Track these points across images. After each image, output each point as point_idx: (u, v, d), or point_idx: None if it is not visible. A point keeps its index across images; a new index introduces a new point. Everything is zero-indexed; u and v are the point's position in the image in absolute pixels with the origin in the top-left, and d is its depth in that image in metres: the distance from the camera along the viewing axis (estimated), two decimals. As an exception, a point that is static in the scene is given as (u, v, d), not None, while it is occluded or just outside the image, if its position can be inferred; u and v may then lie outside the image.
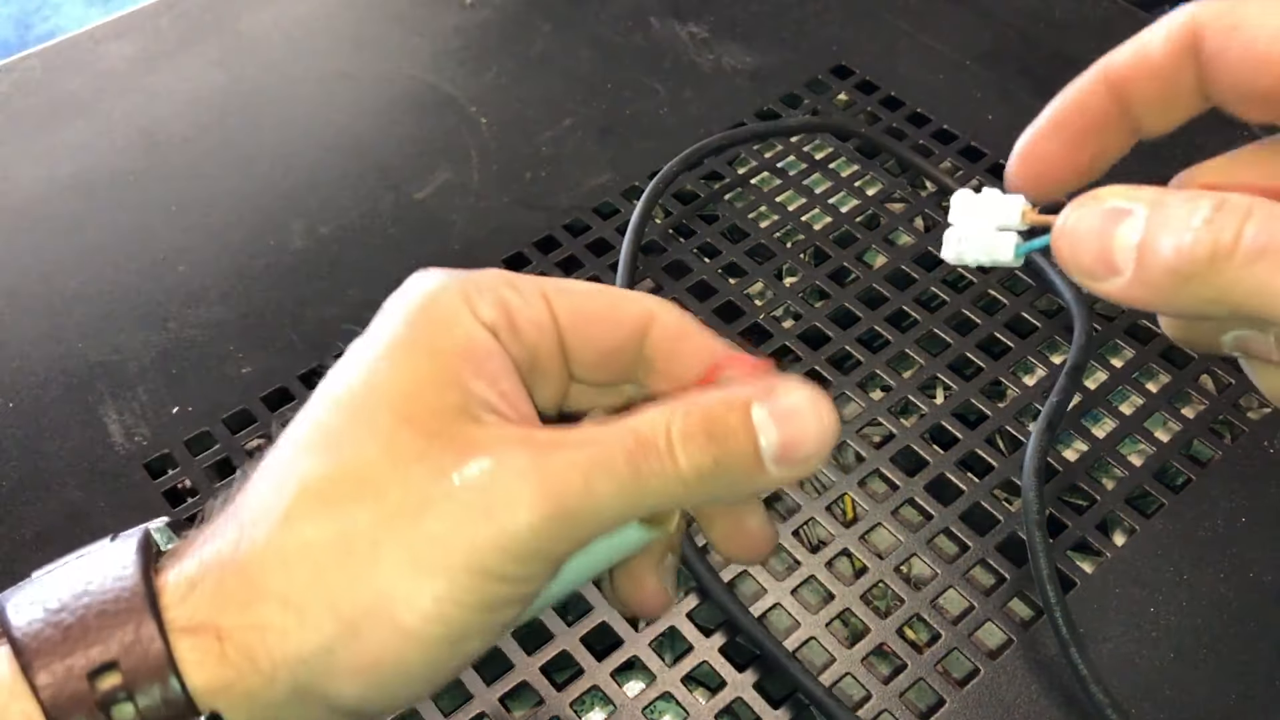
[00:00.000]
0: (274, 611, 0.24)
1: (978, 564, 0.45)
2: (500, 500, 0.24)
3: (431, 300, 0.27)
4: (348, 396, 0.26)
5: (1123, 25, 0.68)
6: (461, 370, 0.26)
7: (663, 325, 0.28)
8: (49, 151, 0.64)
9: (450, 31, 0.70)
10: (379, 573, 0.24)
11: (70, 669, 0.24)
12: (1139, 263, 0.23)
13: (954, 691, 0.42)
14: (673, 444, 0.25)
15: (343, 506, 0.25)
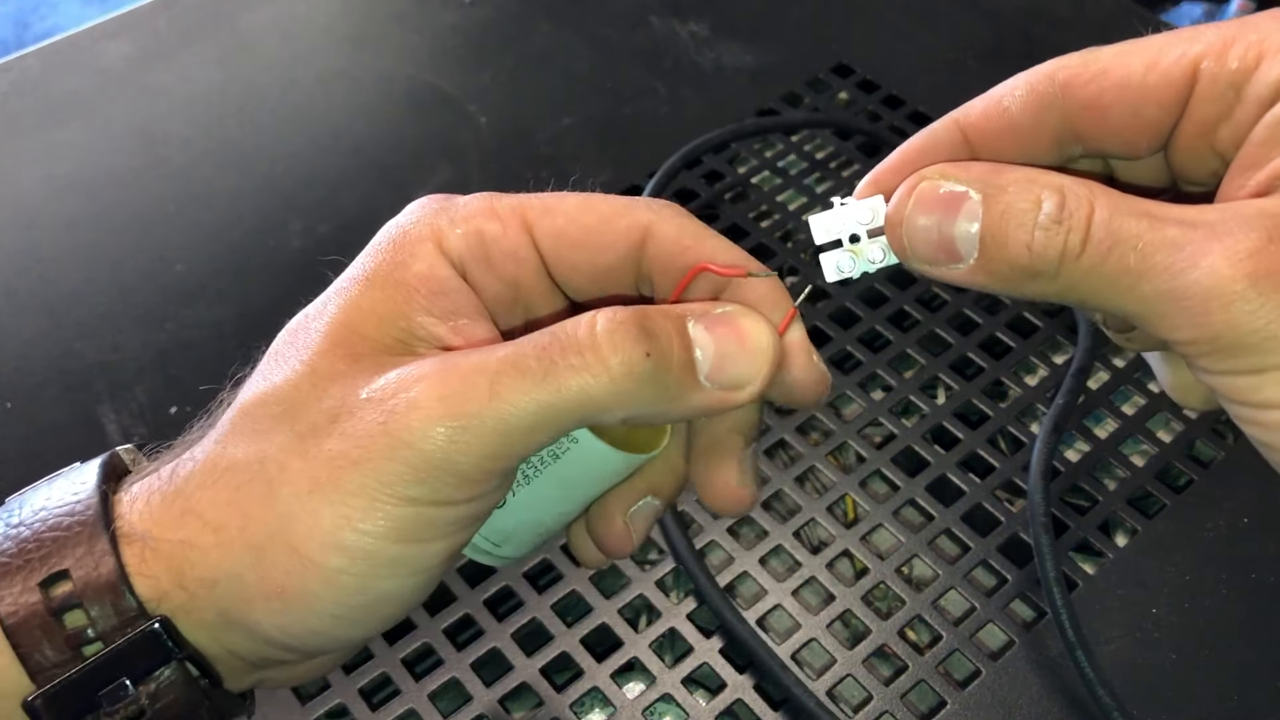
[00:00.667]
0: (196, 529, 0.24)
1: (979, 565, 0.45)
2: (399, 409, 0.23)
3: (402, 233, 0.27)
4: (299, 324, 0.27)
5: (1123, 23, 0.67)
6: (409, 303, 0.26)
7: (660, 238, 0.27)
8: (47, 151, 0.63)
9: (449, 31, 0.70)
10: (282, 496, 0.24)
11: (26, 579, 0.24)
12: (982, 252, 0.24)
13: (955, 693, 0.42)
14: (597, 338, 0.23)
15: (264, 427, 0.25)
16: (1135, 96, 0.25)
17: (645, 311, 0.24)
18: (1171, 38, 0.25)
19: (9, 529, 0.25)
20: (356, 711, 0.41)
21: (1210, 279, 0.22)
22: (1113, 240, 0.23)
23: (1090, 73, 0.26)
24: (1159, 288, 0.22)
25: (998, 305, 0.54)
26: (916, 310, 0.54)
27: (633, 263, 0.27)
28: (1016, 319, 0.53)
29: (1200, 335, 0.22)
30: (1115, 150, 0.27)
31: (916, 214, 0.24)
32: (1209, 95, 0.25)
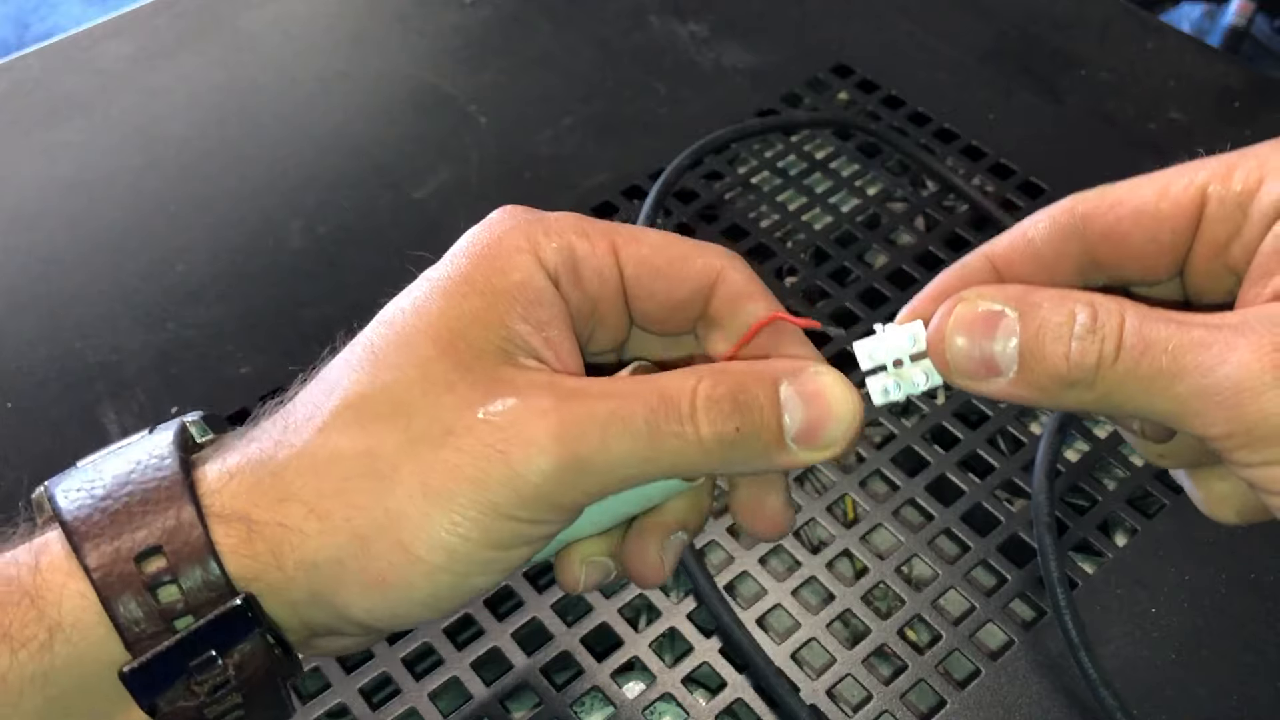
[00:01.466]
0: (299, 513, 0.26)
1: (979, 565, 0.45)
2: (517, 441, 0.25)
3: (497, 240, 0.28)
4: (399, 322, 0.27)
5: (1122, 23, 0.68)
6: (510, 312, 0.27)
7: (729, 284, 0.29)
8: (47, 151, 0.64)
9: (449, 31, 0.70)
10: (394, 493, 0.25)
11: (118, 552, 0.26)
12: (1022, 365, 0.25)
13: (955, 693, 0.42)
14: (696, 408, 0.26)
15: (374, 424, 0.26)
16: (1150, 223, 0.27)
17: (742, 383, 0.26)
18: (1178, 169, 0.28)
19: (96, 501, 0.26)
20: (357, 711, 0.41)
21: (1240, 372, 0.23)
22: (1145, 345, 0.24)
23: (1107, 203, 0.28)
24: (1191, 386, 0.24)
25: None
26: (916, 310, 0.54)
27: (701, 301, 0.29)
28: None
29: (1234, 428, 0.24)
30: (1135, 276, 0.28)
31: (956, 333, 0.26)
32: (1218, 215, 0.27)
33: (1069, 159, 0.61)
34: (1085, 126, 0.62)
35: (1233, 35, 1.36)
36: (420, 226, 0.59)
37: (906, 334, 0.27)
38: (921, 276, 0.55)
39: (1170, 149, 0.61)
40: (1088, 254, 0.28)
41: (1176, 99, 0.63)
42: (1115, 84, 0.64)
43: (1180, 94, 0.64)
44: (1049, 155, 0.61)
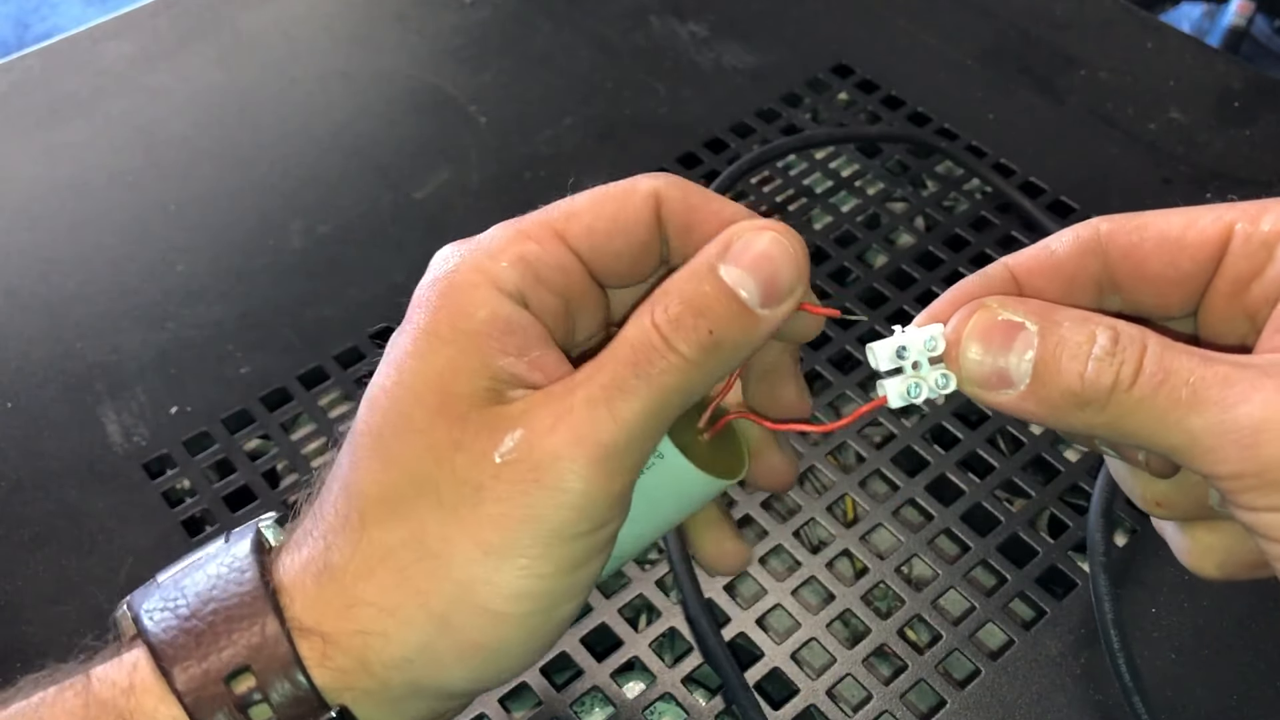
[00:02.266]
0: (372, 617, 0.26)
1: (979, 565, 0.45)
2: (543, 465, 0.25)
3: (450, 284, 0.27)
4: (385, 398, 0.27)
5: (1123, 25, 0.68)
6: (486, 351, 0.26)
7: (669, 201, 0.28)
8: (47, 151, 0.64)
9: (449, 31, 0.70)
10: (455, 565, 0.25)
11: (207, 674, 0.26)
12: (1035, 379, 0.25)
13: (955, 692, 0.42)
14: (666, 338, 0.26)
15: (406, 509, 0.26)
16: (1173, 249, 0.27)
17: (687, 290, 0.26)
18: (1209, 206, 0.27)
19: (182, 621, 0.27)
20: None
21: (1262, 411, 0.23)
22: (1165, 374, 0.24)
23: (1132, 225, 0.28)
24: (1208, 421, 0.23)
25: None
26: (916, 310, 0.54)
27: (656, 234, 0.28)
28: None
29: (1247, 469, 0.23)
30: (1151, 303, 0.28)
31: (973, 339, 0.26)
32: (1242, 253, 0.26)
33: (1069, 159, 0.61)
34: (1085, 126, 0.62)
35: (1232, 35, 1.36)
36: (420, 226, 0.59)
37: (925, 336, 0.27)
38: (921, 276, 0.55)
39: (1170, 149, 0.61)
40: (1107, 273, 0.28)
41: (1176, 99, 0.63)
42: (1115, 84, 0.64)
43: (1180, 94, 0.64)
44: (1049, 155, 0.61)
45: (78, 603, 0.45)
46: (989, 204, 0.59)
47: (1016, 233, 0.57)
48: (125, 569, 0.46)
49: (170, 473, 0.49)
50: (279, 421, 0.51)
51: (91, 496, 0.48)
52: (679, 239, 0.28)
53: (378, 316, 0.54)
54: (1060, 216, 0.57)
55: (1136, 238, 0.28)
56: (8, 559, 0.46)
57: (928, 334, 0.27)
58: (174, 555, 0.46)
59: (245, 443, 0.50)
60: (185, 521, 0.47)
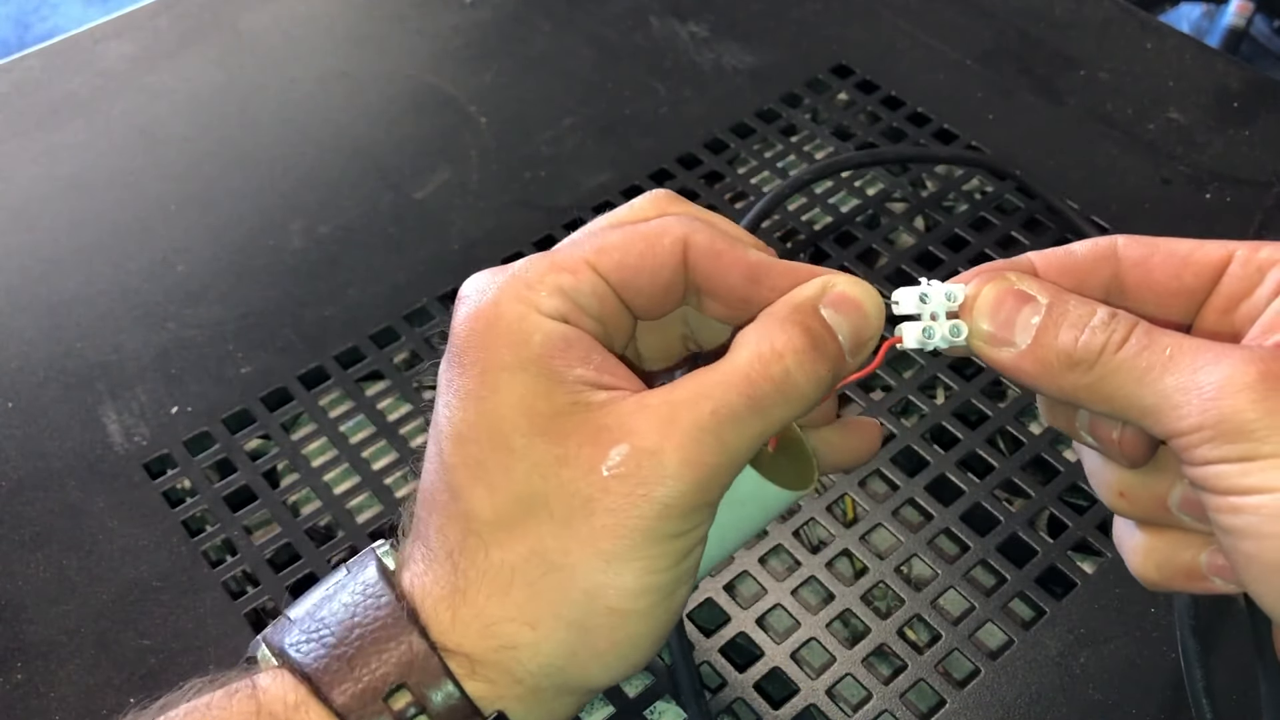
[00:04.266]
0: (513, 633, 0.27)
1: (978, 564, 0.45)
2: (652, 480, 0.27)
3: (497, 316, 0.29)
4: (473, 431, 0.28)
5: (1122, 25, 0.68)
6: (555, 367, 0.28)
7: (696, 249, 0.30)
8: (48, 151, 0.64)
9: (450, 31, 0.70)
10: (579, 575, 0.27)
11: (365, 692, 0.27)
12: (1035, 340, 0.29)
13: (954, 692, 0.42)
14: (789, 369, 0.28)
15: (522, 528, 0.27)
16: (1179, 264, 0.30)
17: (805, 324, 0.28)
18: (1217, 241, 0.30)
19: (330, 649, 0.28)
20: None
21: (1227, 369, 0.26)
22: (1150, 340, 0.27)
23: (1146, 241, 0.31)
24: (1179, 380, 0.26)
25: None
26: (916, 310, 0.54)
27: (681, 277, 0.30)
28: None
29: (1205, 421, 0.26)
30: (1151, 310, 0.31)
31: (988, 298, 0.29)
32: (1239, 274, 0.30)
33: (1068, 159, 0.61)
34: (1084, 127, 0.62)
35: (1232, 35, 1.36)
36: (420, 226, 0.59)
37: (946, 289, 0.30)
38: (921, 276, 0.55)
39: (1169, 149, 0.61)
40: (1116, 280, 0.31)
41: (1175, 99, 0.64)
42: (1114, 84, 0.64)
43: (1179, 94, 0.64)
44: (1049, 155, 0.61)
45: (78, 602, 0.45)
46: (989, 204, 0.59)
47: (1016, 233, 0.57)
48: (125, 569, 0.46)
49: (171, 472, 0.49)
50: (279, 421, 0.51)
51: (92, 496, 0.48)
52: (705, 282, 0.30)
53: (378, 316, 0.54)
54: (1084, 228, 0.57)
55: (1148, 250, 0.31)
56: (8, 558, 0.46)
57: (949, 288, 0.30)
58: (175, 555, 0.46)
59: (245, 443, 0.50)
60: (185, 521, 0.47)
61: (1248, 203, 0.58)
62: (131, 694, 0.42)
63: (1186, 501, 0.30)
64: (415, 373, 0.52)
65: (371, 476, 0.49)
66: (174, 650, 0.44)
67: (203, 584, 0.45)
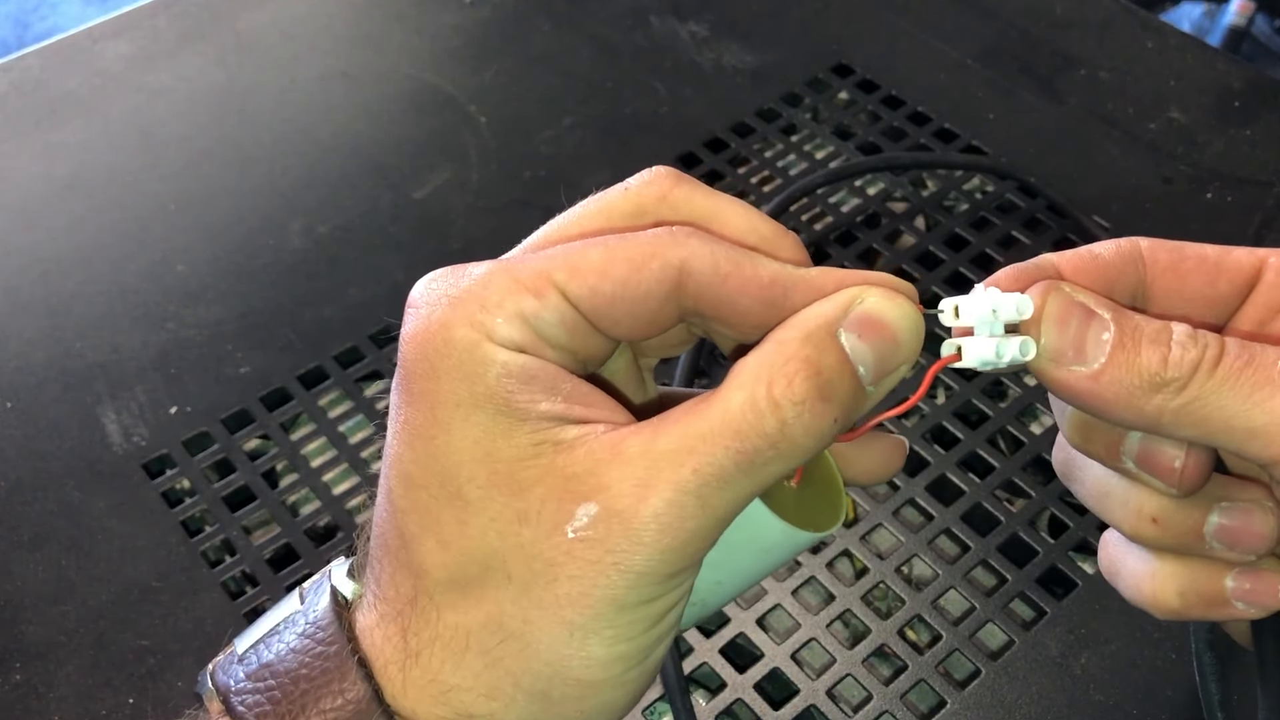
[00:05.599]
0: (471, 702, 0.25)
1: (979, 565, 0.45)
2: (621, 546, 0.23)
3: (447, 342, 0.25)
4: (422, 477, 0.25)
5: (1123, 24, 0.68)
6: (516, 404, 0.24)
7: (697, 274, 0.25)
8: (47, 151, 0.64)
9: (450, 31, 0.70)
10: (542, 645, 0.24)
11: None
12: (1111, 359, 0.25)
13: (955, 693, 0.42)
14: (785, 422, 0.23)
15: (478, 591, 0.24)
16: (1212, 270, 0.28)
17: (812, 362, 0.23)
18: (1241, 248, 0.29)
19: (276, 705, 0.25)
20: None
21: None
22: (1250, 355, 0.24)
23: (1172, 245, 0.28)
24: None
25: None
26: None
27: (674, 302, 0.25)
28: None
29: None
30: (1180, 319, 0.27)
31: (1053, 312, 0.25)
32: (1275, 283, 0.28)
33: (1069, 158, 0.60)
34: (1085, 126, 0.62)
35: (1233, 35, 1.36)
36: (420, 226, 0.59)
37: (1015, 301, 0.25)
38: (921, 276, 0.55)
39: (1170, 148, 0.61)
40: (1143, 286, 0.28)
41: (1177, 98, 0.63)
42: (1115, 83, 0.64)
43: (1180, 93, 0.64)
44: (1049, 154, 0.61)
45: (77, 602, 0.45)
46: (989, 204, 0.59)
47: (1017, 233, 0.57)
48: (124, 569, 0.46)
49: (170, 473, 0.49)
50: (278, 421, 0.51)
51: (91, 496, 0.48)
52: (710, 309, 0.25)
53: (377, 316, 0.54)
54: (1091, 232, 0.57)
55: (1178, 256, 0.28)
56: (7, 559, 0.46)
57: (1016, 300, 0.25)
58: (174, 555, 0.46)
59: (245, 443, 0.50)
60: (184, 521, 0.47)
61: (1248, 202, 0.58)
62: (130, 694, 0.42)
63: (1223, 529, 0.28)
64: (415, 373, 0.52)
65: (371, 477, 0.49)
66: (173, 650, 0.43)
67: (202, 584, 0.45)
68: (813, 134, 0.63)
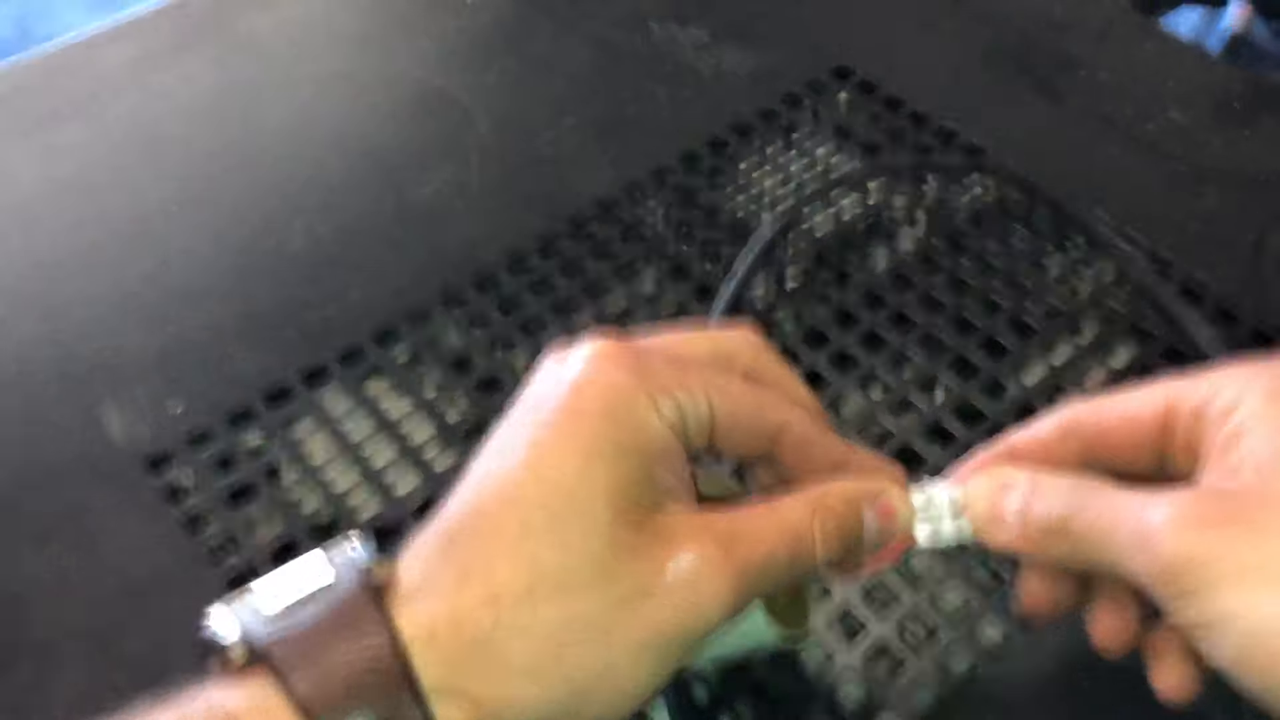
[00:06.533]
0: (522, 684, 0.29)
1: (978, 563, 0.45)
2: (705, 596, 0.30)
3: (618, 399, 0.31)
4: (564, 483, 0.30)
5: (1122, 26, 0.68)
6: (654, 467, 0.31)
7: (794, 434, 0.33)
8: (49, 152, 0.64)
9: (451, 32, 0.70)
10: (609, 651, 0.29)
11: None
12: (1020, 520, 0.32)
13: (953, 691, 0.42)
14: (817, 542, 0.32)
15: (578, 592, 0.29)
16: (1130, 425, 0.34)
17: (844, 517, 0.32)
18: (1152, 386, 0.34)
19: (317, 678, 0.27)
20: (357, 708, 0.41)
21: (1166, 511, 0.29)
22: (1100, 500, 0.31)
23: (1096, 406, 0.34)
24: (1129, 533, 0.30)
25: (996, 305, 0.54)
26: (916, 310, 0.54)
27: (765, 443, 0.34)
28: (1015, 319, 0.53)
29: (1154, 565, 0.29)
30: (1125, 470, 0.34)
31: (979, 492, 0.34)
32: (1182, 425, 0.33)
33: (1068, 159, 0.61)
34: (1084, 127, 0.63)
35: (1231, 39, 1.37)
36: (421, 227, 0.59)
37: (947, 497, 0.34)
38: (921, 277, 0.55)
39: (1169, 149, 0.61)
40: (1086, 451, 0.34)
41: (1175, 100, 0.64)
42: (1114, 85, 0.65)
43: (1179, 95, 0.64)
44: (1048, 155, 0.61)
45: (80, 599, 0.45)
46: (989, 204, 0.59)
47: (1016, 232, 0.57)
48: (127, 567, 0.46)
49: (172, 470, 0.49)
50: (280, 419, 0.51)
51: (93, 494, 0.48)
52: (789, 458, 0.34)
53: (379, 316, 0.55)
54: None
55: (1099, 416, 0.34)
56: (10, 556, 0.46)
57: (950, 492, 0.34)
58: (175, 553, 0.46)
59: (246, 440, 0.50)
60: (186, 518, 0.48)
61: (1247, 203, 0.58)
62: (133, 691, 0.42)
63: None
64: (416, 372, 0.52)
65: (372, 474, 0.49)
66: (175, 647, 0.44)
67: (204, 581, 0.45)
68: (812, 133, 0.63)
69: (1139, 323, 0.53)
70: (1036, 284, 0.55)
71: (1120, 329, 0.53)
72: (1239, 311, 0.53)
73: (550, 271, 0.56)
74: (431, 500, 0.48)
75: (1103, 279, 0.55)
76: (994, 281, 0.55)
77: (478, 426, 0.50)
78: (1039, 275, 0.55)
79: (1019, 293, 0.55)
